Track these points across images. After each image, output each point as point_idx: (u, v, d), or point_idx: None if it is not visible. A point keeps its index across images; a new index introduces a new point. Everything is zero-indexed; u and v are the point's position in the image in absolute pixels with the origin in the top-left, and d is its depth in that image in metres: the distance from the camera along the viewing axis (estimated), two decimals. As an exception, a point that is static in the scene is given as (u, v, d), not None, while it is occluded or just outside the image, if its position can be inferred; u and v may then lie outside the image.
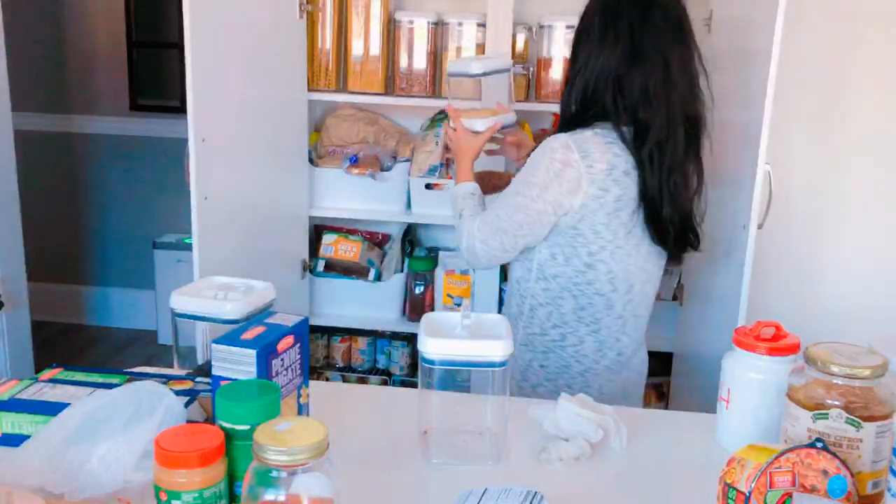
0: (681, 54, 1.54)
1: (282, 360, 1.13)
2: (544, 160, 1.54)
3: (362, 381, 2.83)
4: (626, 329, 1.65)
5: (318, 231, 2.81)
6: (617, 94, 1.53)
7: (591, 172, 1.51)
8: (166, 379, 1.26)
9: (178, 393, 1.13)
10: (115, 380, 1.24)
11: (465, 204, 1.68)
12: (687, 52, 1.56)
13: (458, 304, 2.62)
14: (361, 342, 2.87)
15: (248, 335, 1.11)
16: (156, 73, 3.75)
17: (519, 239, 1.58)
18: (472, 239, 1.62)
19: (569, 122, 1.60)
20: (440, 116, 2.64)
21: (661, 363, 2.69)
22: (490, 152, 1.99)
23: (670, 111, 1.52)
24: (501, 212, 1.58)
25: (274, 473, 0.88)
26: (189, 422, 1.09)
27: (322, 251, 2.73)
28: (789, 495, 0.98)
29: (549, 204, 1.53)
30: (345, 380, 2.84)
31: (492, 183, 1.96)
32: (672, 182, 1.54)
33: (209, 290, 1.35)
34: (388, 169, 2.62)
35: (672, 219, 1.56)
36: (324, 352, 2.88)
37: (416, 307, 2.71)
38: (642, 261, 1.61)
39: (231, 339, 1.10)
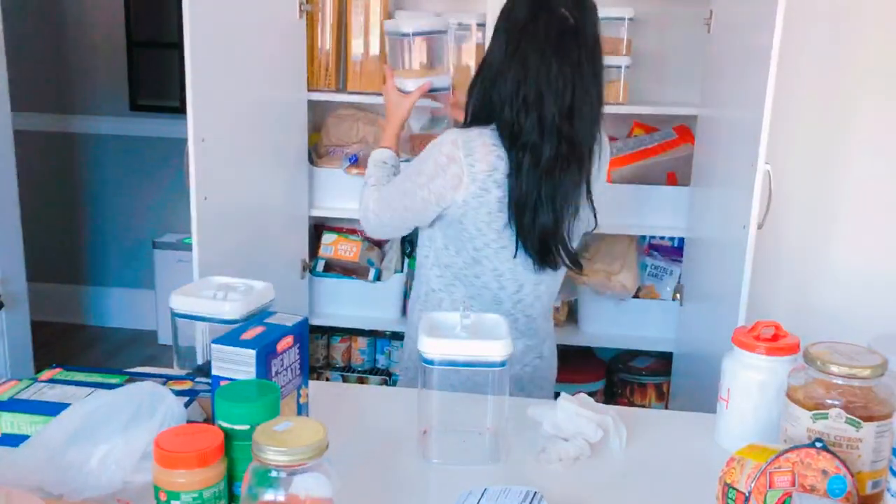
0: (560, 72, 1.50)
1: (281, 360, 1.13)
2: (434, 152, 1.57)
3: (362, 381, 2.83)
4: (518, 326, 1.67)
5: (317, 231, 2.81)
6: (496, 92, 1.54)
7: (472, 171, 1.53)
8: (166, 379, 1.26)
9: (177, 393, 1.13)
10: (114, 380, 1.24)
11: (374, 171, 1.76)
12: (569, 71, 1.51)
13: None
14: (361, 342, 2.87)
15: (248, 335, 1.12)
16: (156, 73, 3.75)
17: (406, 220, 1.67)
18: (366, 210, 1.71)
19: (470, 117, 1.62)
20: (439, 116, 2.64)
21: (661, 363, 2.69)
22: (435, 111, 2.04)
23: (542, 119, 1.50)
24: (395, 191, 1.66)
25: (273, 473, 0.88)
26: (189, 422, 1.09)
27: (322, 251, 2.73)
28: (789, 495, 0.98)
29: (432, 194, 1.57)
30: (345, 380, 2.84)
31: (422, 146, 1.97)
32: (540, 192, 1.52)
33: (209, 291, 1.35)
34: (388, 169, 2.61)
35: (531, 228, 1.54)
36: (324, 352, 2.88)
37: (415, 307, 2.71)
38: (533, 264, 1.61)
39: (230, 339, 1.10)
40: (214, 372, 1.10)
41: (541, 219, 1.53)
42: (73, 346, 3.77)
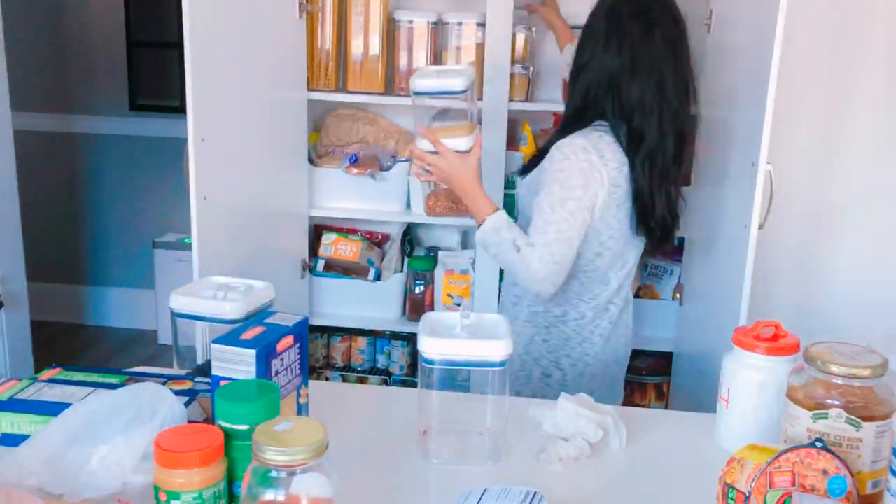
0: (675, 73, 1.64)
1: (281, 359, 1.13)
2: (572, 165, 1.60)
3: (362, 380, 2.83)
4: (618, 296, 1.78)
5: (317, 231, 2.81)
6: (615, 99, 1.64)
7: (608, 170, 1.62)
8: (166, 379, 1.26)
9: (177, 393, 1.13)
10: (114, 380, 1.24)
11: (510, 235, 1.61)
12: (681, 72, 1.65)
13: (458, 304, 2.62)
14: (361, 342, 2.87)
15: (248, 335, 1.12)
16: (156, 73, 3.75)
17: (581, 241, 1.63)
18: (543, 265, 1.57)
19: (572, 117, 1.70)
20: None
21: (661, 363, 2.69)
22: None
23: (662, 123, 1.63)
24: (561, 224, 1.57)
25: (273, 473, 0.88)
26: (189, 422, 1.09)
27: (322, 251, 2.73)
28: (789, 495, 0.97)
29: (597, 197, 1.63)
30: (344, 380, 2.84)
31: (439, 205, 1.95)
32: (664, 185, 1.66)
33: (209, 291, 1.35)
34: (388, 169, 2.62)
35: (664, 220, 1.68)
36: (323, 351, 2.88)
37: (415, 307, 2.71)
38: (637, 239, 1.74)
39: (230, 339, 1.10)
40: (214, 372, 1.10)
41: (661, 209, 1.66)
42: (73, 346, 3.77)
